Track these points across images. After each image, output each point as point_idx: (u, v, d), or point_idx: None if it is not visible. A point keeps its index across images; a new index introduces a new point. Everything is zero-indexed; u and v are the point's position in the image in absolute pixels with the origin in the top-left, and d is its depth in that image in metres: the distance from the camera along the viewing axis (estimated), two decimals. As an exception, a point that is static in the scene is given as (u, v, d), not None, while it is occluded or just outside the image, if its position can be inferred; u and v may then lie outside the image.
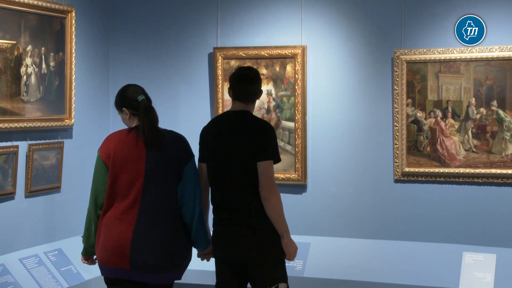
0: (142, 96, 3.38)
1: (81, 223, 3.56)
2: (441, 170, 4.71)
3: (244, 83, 3.50)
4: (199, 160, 3.56)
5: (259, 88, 3.56)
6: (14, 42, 4.38)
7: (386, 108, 4.84)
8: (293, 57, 4.97)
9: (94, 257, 3.46)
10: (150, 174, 3.30)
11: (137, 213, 3.28)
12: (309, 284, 4.57)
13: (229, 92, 3.55)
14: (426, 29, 4.76)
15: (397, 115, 4.79)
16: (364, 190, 4.91)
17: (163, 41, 5.32)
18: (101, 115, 5.29)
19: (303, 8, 4.99)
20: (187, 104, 5.28)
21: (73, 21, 4.80)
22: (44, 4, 4.57)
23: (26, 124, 4.46)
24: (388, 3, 4.83)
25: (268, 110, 5.07)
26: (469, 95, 4.66)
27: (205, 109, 5.22)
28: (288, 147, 5.00)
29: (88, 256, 3.49)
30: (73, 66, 4.83)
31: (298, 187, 5.02)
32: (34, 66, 4.54)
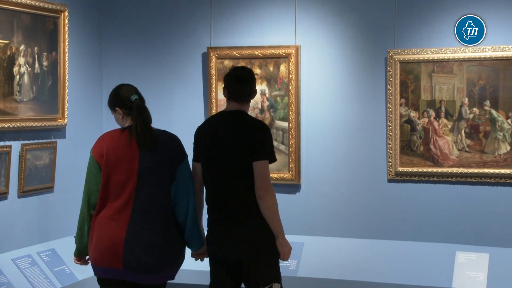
0: (135, 96, 3.37)
1: (74, 223, 3.55)
2: (434, 170, 4.73)
3: (239, 83, 3.50)
4: (194, 160, 3.55)
5: (254, 88, 3.56)
6: (7, 42, 4.37)
7: (380, 108, 4.85)
8: (287, 57, 4.97)
9: (87, 258, 3.45)
10: (143, 174, 3.29)
11: (130, 213, 3.28)
12: (303, 284, 4.57)
13: (224, 92, 3.55)
14: (419, 29, 4.77)
15: (391, 115, 4.80)
16: (358, 190, 4.92)
17: (157, 41, 5.31)
18: (95, 115, 5.28)
19: (297, 8, 4.99)
20: (181, 104, 5.27)
21: (66, 21, 4.79)
22: (37, 4, 4.55)
23: (19, 124, 4.45)
24: (382, 3, 4.84)
25: (262, 110, 5.07)
26: (462, 95, 4.67)
27: (199, 109, 5.22)
28: (282, 147, 5.00)
29: (81, 257, 3.48)
30: (66, 66, 4.82)
31: (292, 187, 5.02)
32: (27, 66, 4.52)
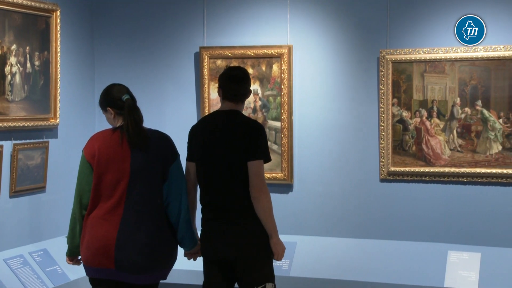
0: (127, 96, 3.36)
1: (66, 223, 3.54)
2: (427, 170, 4.74)
3: (234, 83, 3.51)
4: (188, 159, 3.55)
5: (249, 88, 3.57)
6: (-1, 41, 4.36)
7: (372, 108, 4.86)
8: (279, 57, 4.97)
9: (79, 258, 3.45)
10: (135, 174, 3.29)
11: (122, 213, 3.27)
12: (295, 284, 4.57)
13: (219, 92, 3.55)
14: (412, 29, 4.78)
15: (383, 115, 4.81)
16: (350, 190, 4.93)
17: (149, 40, 5.30)
18: (87, 115, 5.27)
19: (289, 8, 4.99)
20: (173, 104, 5.27)
21: (58, 20, 4.77)
22: (29, 3, 4.54)
23: (11, 124, 4.43)
24: (374, 3, 4.85)
25: (255, 110, 5.07)
26: (454, 95, 4.69)
27: (191, 109, 5.22)
28: (275, 147, 5.00)
29: (73, 257, 3.47)
30: (58, 65, 4.80)
31: (284, 187, 5.03)
32: (19, 65, 4.51)
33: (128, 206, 3.28)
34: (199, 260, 3.61)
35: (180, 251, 3.49)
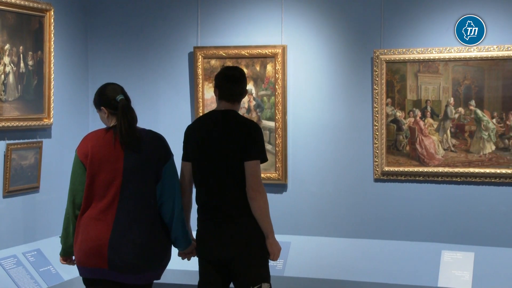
0: (121, 96, 3.36)
1: (60, 223, 3.54)
2: (420, 169, 4.75)
3: (230, 83, 3.51)
4: (183, 159, 3.55)
5: (245, 88, 3.58)
6: (-8, 41, 4.34)
7: (366, 108, 4.87)
8: (274, 57, 4.97)
9: (73, 258, 3.44)
10: (128, 174, 3.28)
11: (115, 213, 3.27)
12: (290, 283, 4.58)
13: (215, 92, 3.55)
14: (405, 29, 4.79)
15: (377, 115, 4.81)
16: (344, 189, 4.93)
17: (143, 40, 5.29)
18: (80, 115, 5.25)
19: (284, 8, 4.99)
20: (167, 104, 5.26)
21: (52, 20, 4.76)
22: (22, 3, 4.53)
23: (4, 124, 4.42)
24: (368, 3, 4.85)
25: (249, 110, 5.07)
26: (448, 95, 4.70)
27: (185, 109, 5.21)
28: (269, 147, 5.00)
29: (67, 257, 3.47)
30: (52, 65, 4.79)
31: (279, 187, 5.03)
32: (12, 65, 4.50)
33: (121, 206, 3.27)
34: (194, 260, 3.60)
35: (174, 251, 3.49)
